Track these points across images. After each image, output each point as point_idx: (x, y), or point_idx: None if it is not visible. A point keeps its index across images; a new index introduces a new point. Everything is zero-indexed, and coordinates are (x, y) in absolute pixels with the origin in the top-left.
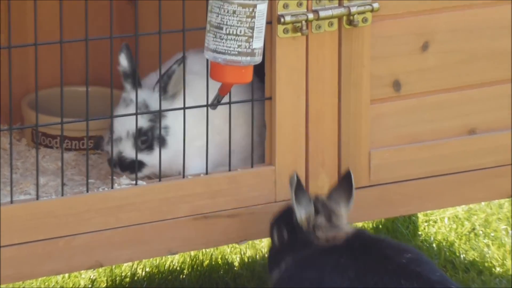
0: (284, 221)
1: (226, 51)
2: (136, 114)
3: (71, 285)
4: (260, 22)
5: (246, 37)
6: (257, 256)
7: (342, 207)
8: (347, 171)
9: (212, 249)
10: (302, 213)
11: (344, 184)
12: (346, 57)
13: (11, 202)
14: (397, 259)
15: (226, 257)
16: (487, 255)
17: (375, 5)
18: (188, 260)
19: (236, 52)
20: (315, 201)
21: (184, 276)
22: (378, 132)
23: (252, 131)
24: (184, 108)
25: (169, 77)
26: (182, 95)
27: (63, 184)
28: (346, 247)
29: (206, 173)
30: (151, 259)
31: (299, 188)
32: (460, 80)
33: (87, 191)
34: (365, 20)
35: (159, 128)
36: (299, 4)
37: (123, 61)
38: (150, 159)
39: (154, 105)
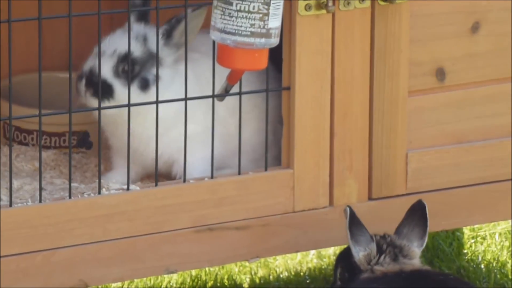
0: (347, 260)
1: (236, 31)
2: (129, 106)
3: None
4: None
5: (261, 15)
6: (271, 277)
7: (415, 245)
8: (419, 201)
9: (217, 268)
10: (359, 253)
11: (416, 216)
12: (380, 40)
13: None
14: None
15: (234, 277)
16: None
17: None
18: (188, 280)
19: (249, 33)
20: (380, 239)
21: None
22: (417, 130)
23: (267, 128)
24: (185, 99)
25: (178, 22)
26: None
27: (41, 189)
28: (393, 276)
29: (211, 177)
30: (145, 278)
31: (355, 224)
32: None
33: (70, 197)
34: None
35: (155, 72)
36: None
37: None
38: (123, 90)
39: (152, 46)
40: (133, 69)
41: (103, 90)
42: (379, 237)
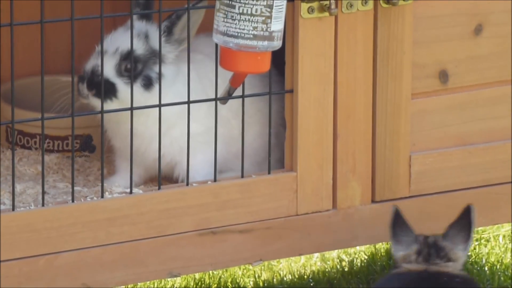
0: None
1: (239, 34)
2: (131, 109)
3: None
4: None
5: (263, 18)
6: (274, 280)
7: (459, 248)
8: (467, 205)
9: (220, 271)
10: (399, 252)
11: (463, 220)
12: (383, 42)
13: None
14: None
15: (238, 280)
16: None
17: None
18: (192, 284)
19: (251, 36)
20: (423, 239)
21: None
22: (420, 132)
23: (270, 131)
24: (188, 102)
25: (178, 18)
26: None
27: (43, 192)
28: (411, 275)
29: (214, 180)
30: (148, 282)
31: (399, 224)
32: None
33: (73, 201)
34: None
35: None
36: None
37: None
38: (126, 88)
39: (154, 43)
40: (136, 67)
41: (106, 89)
42: (422, 237)
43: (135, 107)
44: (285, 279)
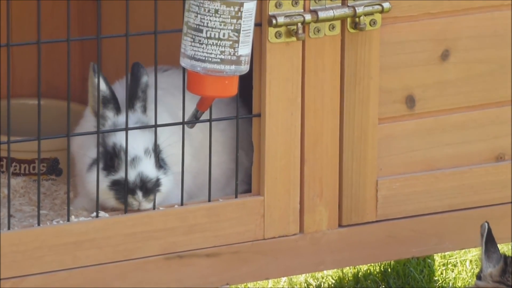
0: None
1: (206, 58)
2: (98, 133)
3: None
4: (248, 24)
5: (231, 42)
6: None
7: None
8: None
9: None
10: (488, 269)
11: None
12: (350, 67)
13: None
14: None
15: None
16: None
17: (386, 4)
18: None
19: (219, 60)
20: (510, 260)
21: None
22: (387, 157)
23: (237, 155)
24: (155, 126)
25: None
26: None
27: (9, 216)
28: None
29: (181, 204)
30: None
31: (490, 240)
32: (486, 96)
33: (38, 224)
34: (373, 22)
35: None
36: (295, 3)
37: (103, 86)
38: (166, 180)
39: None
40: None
41: (155, 187)
42: (510, 259)
43: (101, 131)
44: None
